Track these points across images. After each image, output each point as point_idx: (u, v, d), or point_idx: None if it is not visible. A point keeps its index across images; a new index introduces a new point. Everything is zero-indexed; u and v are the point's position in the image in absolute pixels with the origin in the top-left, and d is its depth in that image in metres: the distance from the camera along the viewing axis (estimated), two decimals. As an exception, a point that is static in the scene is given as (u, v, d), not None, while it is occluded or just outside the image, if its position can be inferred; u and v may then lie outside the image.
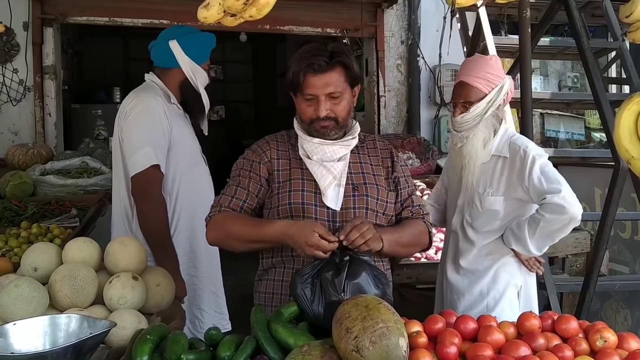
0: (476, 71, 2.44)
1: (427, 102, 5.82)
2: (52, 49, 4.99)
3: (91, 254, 2.11)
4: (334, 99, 2.04)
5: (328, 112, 2.04)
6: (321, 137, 2.09)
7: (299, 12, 5.38)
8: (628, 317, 4.02)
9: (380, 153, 2.23)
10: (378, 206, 2.14)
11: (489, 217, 2.50)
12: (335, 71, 2.03)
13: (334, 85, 2.02)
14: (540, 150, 2.45)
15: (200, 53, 2.87)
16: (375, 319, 1.46)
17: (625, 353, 1.66)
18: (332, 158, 2.10)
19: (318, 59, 2.02)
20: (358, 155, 2.19)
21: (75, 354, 1.48)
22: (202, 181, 2.90)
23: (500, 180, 2.47)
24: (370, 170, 2.18)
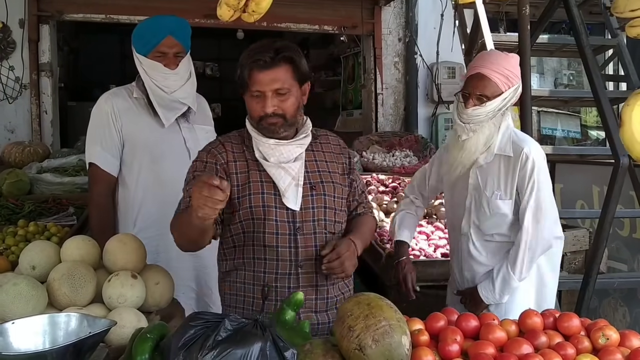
0: (497, 66, 2.37)
1: (425, 99, 5.82)
2: (48, 46, 4.97)
3: (90, 252, 2.09)
4: (281, 95, 2.02)
5: (275, 109, 2.02)
6: (271, 134, 2.07)
7: (297, 9, 5.37)
8: (626, 314, 4.02)
9: (333, 149, 2.23)
10: (336, 203, 2.15)
11: (497, 220, 2.46)
12: (281, 67, 2.01)
13: (281, 81, 2.01)
14: (542, 153, 2.41)
15: (140, 42, 2.68)
16: (377, 317, 1.45)
17: (628, 351, 1.65)
18: (289, 158, 2.10)
19: (264, 55, 2.00)
20: (313, 152, 2.18)
21: (75, 353, 1.47)
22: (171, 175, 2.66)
23: (507, 182, 2.43)
24: (325, 167, 2.18)
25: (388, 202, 4.05)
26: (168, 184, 2.64)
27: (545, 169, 2.38)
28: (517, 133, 2.47)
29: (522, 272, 2.39)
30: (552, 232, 2.42)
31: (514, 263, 2.39)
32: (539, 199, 2.35)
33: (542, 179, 2.36)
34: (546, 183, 2.38)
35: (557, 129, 7.75)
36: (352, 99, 6.61)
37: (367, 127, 5.85)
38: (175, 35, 2.64)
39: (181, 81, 2.69)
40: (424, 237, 3.54)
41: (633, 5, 1.76)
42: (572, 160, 4.47)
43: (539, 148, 2.41)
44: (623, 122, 1.88)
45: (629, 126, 1.85)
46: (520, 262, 2.38)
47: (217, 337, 1.33)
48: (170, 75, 2.65)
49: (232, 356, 1.29)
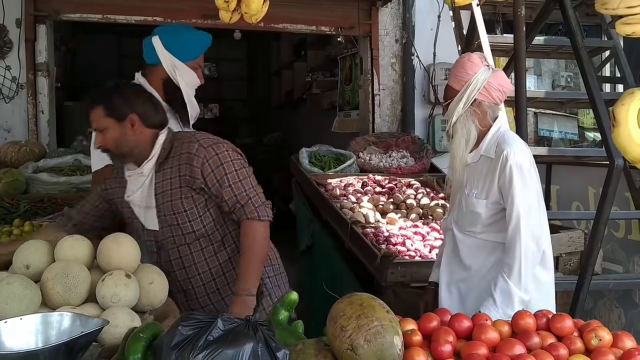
0: (453, 71, 2.52)
1: (422, 100, 5.82)
2: (45, 46, 4.95)
3: (84, 251, 2.10)
4: (101, 132, 2.39)
5: (100, 144, 2.41)
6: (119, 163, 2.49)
7: (294, 9, 5.37)
8: (622, 315, 4.03)
9: (181, 160, 2.40)
10: (180, 219, 2.43)
11: (471, 218, 2.50)
12: (96, 110, 2.38)
13: (95, 121, 2.38)
14: (524, 155, 2.40)
15: (184, 50, 2.83)
16: (370, 317, 1.45)
17: (620, 352, 1.65)
18: (136, 187, 2.45)
19: (87, 100, 2.43)
20: (163, 172, 2.43)
21: (67, 352, 1.47)
22: None
23: (485, 182, 2.45)
24: (170, 185, 2.42)
25: (384, 203, 4.06)
26: None
27: (529, 172, 2.36)
28: (507, 135, 2.47)
29: (519, 279, 2.34)
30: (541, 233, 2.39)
31: (509, 271, 2.35)
32: (522, 202, 2.34)
33: (524, 181, 2.35)
34: (529, 186, 2.36)
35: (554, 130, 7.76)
36: (349, 100, 6.61)
37: (364, 128, 5.85)
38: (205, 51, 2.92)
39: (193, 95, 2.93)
40: (419, 237, 3.55)
41: (630, 2, 1.73)
42: (568, 162, 4.47)
43: (522, 151, 2.39)
44: (618, 122, 1.86)
45: (626, 126, 1.83)
46: (513, 268, 2.35)
47: (209, 337, 1.33)
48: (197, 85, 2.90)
49: (223, 356, 1.29)
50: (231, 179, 2.39)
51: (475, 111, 2.47)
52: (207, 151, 2.38)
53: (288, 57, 9.77)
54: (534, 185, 2.39)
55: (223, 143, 2.45)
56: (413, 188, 4.36)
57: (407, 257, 3.26)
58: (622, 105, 1.86)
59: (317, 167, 4.81)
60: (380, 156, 5.03)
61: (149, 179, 2.43)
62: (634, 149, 1.84)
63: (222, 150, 2.41)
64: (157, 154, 2.42)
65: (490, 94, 2.47)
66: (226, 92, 12.19)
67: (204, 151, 2.37)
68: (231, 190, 2.38)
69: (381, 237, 3.48)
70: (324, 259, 4.18)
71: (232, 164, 2.40)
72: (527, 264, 2.34)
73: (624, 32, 1.82)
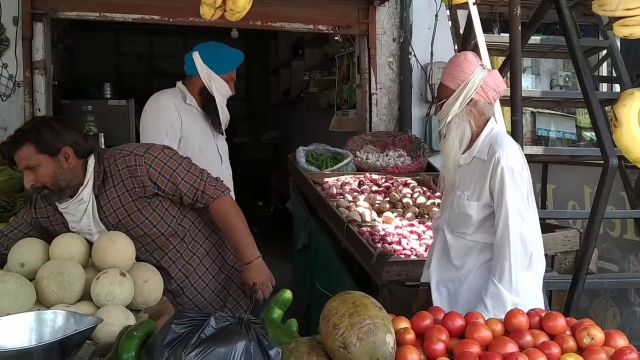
0: (446, 70, 2.49)
1: (419, 99, 5.82)
2: (42, 44, 4.94)
3: (79, 250, 2.10)
4: (33, 170, 2.31)
5: (33, 183, 2.33)
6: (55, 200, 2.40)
7: (291, 8, 5.37)
8: (617, 314, 4.04)
9: (122, 175, 2.40)
10: (145, 228, 2.46)
11: (462, 220, 2.49)
12: (24, 148, 2.30)
13: (25, 159, 2.30)
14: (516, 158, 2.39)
15: (219, 64, 3.25)
16: (362, 315, 1.46)
17: (612, 350, 1.66)
18: (79, 216, 2.41)
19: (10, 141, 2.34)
20: (106, 194, 2.42)
21: (61, 350, 1.47)
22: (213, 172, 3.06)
23: (477, 184, 2.44)
24: (120, 203, 2.42)
25: (381, 202, 4.06)
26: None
27: (520, 175, 2.36)
28: (499, 137, 2.45)
29: (510, 282, 2.33)
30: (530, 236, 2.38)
31: (500, 275, 2.35)
32: (512, 205, 2.33)
33: (515, 184, 2.34)
34: (520, 189, 2.35)
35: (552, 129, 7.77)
36: (347, 99, 6.61)
37: (361, 127, 5.86)
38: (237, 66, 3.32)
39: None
40: (415, 236, 3.56)
41: (629, 4, 1.73)
42: (564, 161, 4.48)
43: (515, 153, 2.38)
44: (620, 122, 1.86)
45: (629, 127, 1.83)
46: (503, 272, 2.34)
47: (202, 335, 1.34)
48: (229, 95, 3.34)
49: (215, 354, 1.30)
50: (181, 173, 2.45)
51: (471, 111, 2.45)
52: (145, 158, 2.41)
53: (286, 55, 9.76)
54: (525, 188, 2.38)
55: (154, 146, 2.50)
56: (409, 187, 4.37)
57: (402, 256, 3.27)
58: (623, 105, 1.86)
59: (314, 166, 4.82)
60: (377, 155, 5.04)
61: (91, 205, 2.41)
62: (636, 149, 1.84)
63: (158, 151, 2.45)
64: (92, 178, 2.40)
65: (487, 94, 2.46)
66: (224, 91, 12.16)
67: (142, 159, 2.40)
68: (186, 183, 2.45)
69: (377, 236, 3.49)
70: (321, 257, 4.18)
71: (173, 160, 2.46)
72: (517, 267, 2.33)
73: (622, 33, 1.82)
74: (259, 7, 5.08)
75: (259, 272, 2.50)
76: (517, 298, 2.33)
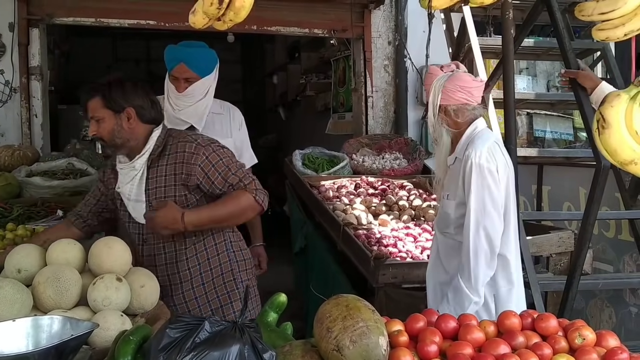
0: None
1: (414, 102, 5.84)
2: (38, 49, 4.97)
3: (75, 255, 2.11)
4: (97, 122, 2.46)
5: (94, 133, 2.48)
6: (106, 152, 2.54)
7: (286, 12, 5.39)
8: (612, 315, 4.06)
9: (178, 158, 2.50)
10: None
11: (445, 219, 2.57)
12: (93, 100, 2.46)
13: (92, 110, 2.46)
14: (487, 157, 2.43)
15: (166, 64, 3.16)
16: (355, 318, 1.47)
17: (604, 351, 1.68)
18: (127, 180, 2.53)
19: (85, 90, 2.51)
20: (157, 168, 2.52)
21: (57, 355, 1.48)
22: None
23: (455, 183, 2.51)
24: (164, 182, 2.51)
25: (377, 205, 4.08)
26: None
27: (490, 173, 2.41)
28: (477, 137, 2.51)
29: (469, 278, 2.39)
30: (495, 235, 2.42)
31: (462, 270, 2.42)
32: (477, 202, 2.40)
33: (482, 182, 2.40)
34: (489, 187, 2.40)
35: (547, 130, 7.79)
36: (343, 102, 6.64)
37: (358, 130, 5.88)
38: (187, 63, 3.07)
39: (189, 102, 3.13)
40: (411, 239, 3.57)
41: (603, 9, 1.78)
42: (559, 162, 4.51)
43: (485, 152, 2.43)
44: (609, 123, 1.87)
45: (617, 128, 1.84)
46: (465, 267, 2.41)
47: (196, 339, 1.35)
48: (180, 96, 3.10)
49: (209, 358, 1.31)
50: (233, 168, 2.52)
51: (443, 117, 2.56)
52: (205, 149, 2.49)
53: (282, 59, 9.79)
54: (495, 187, 2.42)
55: (217, 142, 2.58)
56: (406, 189, 4.39)
57: (398, 259, 3.28)
58: (611, 107, 1.87)
59: (310, 169, 4.83)
60: (374, 158, 5.06)
61: (141, 174, 2.52)
62: (624, 151, 1.85)
63: (217, 146, 2.54)
64: (150, 150, 2.51)
65: (451, 97, 2.53)
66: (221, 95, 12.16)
67: (203, 149, 2.48)
68: (235, 175, 2.50)
69: (373, 238, 3.50)
70: (317, 260, 4.20)
71: (228, 157, 2.54)
72: (479, 264, 2.39)
73: (599, 37, 1.87)
74: (255, 11, 5.04)
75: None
76: (474, 296, 2.40)
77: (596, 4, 1.81)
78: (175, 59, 3.10)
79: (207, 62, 3.16)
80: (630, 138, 1.86)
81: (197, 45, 3.18)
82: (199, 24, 1.93)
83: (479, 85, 2.58)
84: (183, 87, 3.10)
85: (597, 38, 1.91)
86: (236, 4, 1.73)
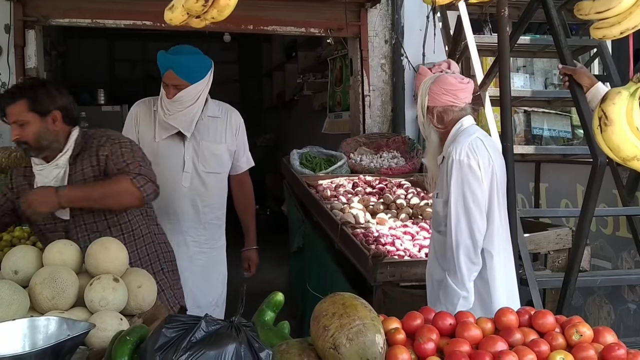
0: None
1: (412, 101, 5.83)
2: (35, 51, 4.95)
3: (72, 256, 2.11)
4: (21, 126, 2.47)
5: (18, 137, 2.49)
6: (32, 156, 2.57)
7: (282, 12, 5.38)
8: (611, 312, 4.06)
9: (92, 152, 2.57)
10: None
11: (436, 218, 2.62)
12: (17, 104, 2.46)
13: (16, 114, 2.47)
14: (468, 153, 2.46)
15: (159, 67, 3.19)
16: (352, 316, 1.47)
17: (601, 347, 1.68)
18: (50, 179, 2.54)
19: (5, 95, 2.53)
20: (78, 165, 2.57)
21: (53, 356, 1.48)
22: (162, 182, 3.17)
23: (442, 181, 2.55)
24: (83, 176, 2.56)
25: (374, 204, 4.08)
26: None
27: (469, 169, 2.44)
28: (460, 134, 2.55)
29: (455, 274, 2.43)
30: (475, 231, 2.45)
31: (448, 267, 2.47)
32: (456, 197, 2.44)
33: (462, 178, 2.43)
34: (468, 183, 2.43)
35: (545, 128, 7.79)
36: (340, 101, 6.63)
37: (355, 129, 5.87)
38: (176, 70, 3.06)
39: (179, 108, 3.13)
40: (409, 237, 3.57)
41: (599, 8, 1.79)
42: (556, 160, 4.51)
43: (466, 149, 2.47)
44: (611, 120, 1.87)
45: (620, 125, 1.85)
46: (451, 263, 2.46)
47: (192, 338, 1.35)
48: (170, 102, 3.11)
49: (205, 357, 1.32)
50: (129, 159, 2.56)
51: (430, 118, 2.62)
52: (112, 143, 2.59)
53: (279, 58, 9.79)
54: (476, 183, 2.44)
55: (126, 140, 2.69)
56: (403, 188, 4.39)
57: (396, 257, 3.28)
58: (613, 104, 1.88)
59: (308, 169, 4.83)
60: (371, 157, 5.06)
61: (64, 172, 2.56)
62: (627, 147, 1.86)
63: (125, 142, 2.63)
64: (72, 148, 2.56)
65: (437, 99, 2.59)
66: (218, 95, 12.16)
67: (110, 142, 2.58)
68: (127, 164, 2.54)
69: (371, 237, 3.50)
70: (315, 259, 4.20)
71: (130, 150, 2.61)
72: (460, 259, 2.42)
73: (596, 35, 1.88)
74: (251, 11, 5.12)
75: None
76: (462, 291, 2.43)
77: (592, 3, 1.82)
78: (164, 65, 3.11)
79: (198, 68, 3.14)
80: (632, 134, 1.87)
81: (188, 52, 3.15)
82: (176, 21, 1.88)
83: (465, 87, 2.60)
84: (172, 94, 3.10)
85: (594, 37, 1.92)
86: (221, 2, 1.71)
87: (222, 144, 3.31)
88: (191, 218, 3.26)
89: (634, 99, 1.89)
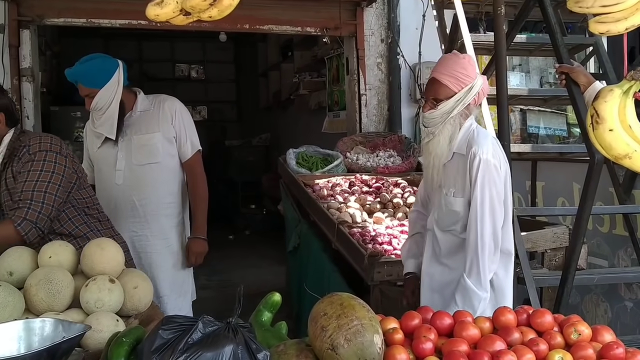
0: (447, 69, 2.43)
1: (408, 100, 5.84)
2: (29, 51, 4.93)
3: (67, 257, 2.10)
4: None
5: None
6: None
7: (278, 11, 5.37)
8: (608, 310, 4.06)
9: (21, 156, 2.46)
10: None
11: (451, 217, 2.49)
12: None
13: None
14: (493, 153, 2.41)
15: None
16: (349, 316, 1.46)
17: (600, 345, 1.68)
18: None
19: None
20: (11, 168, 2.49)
21: (49, 358, 1.47)
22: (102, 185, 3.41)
23: (460, 180, 2.45)
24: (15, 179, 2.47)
25: (371, 203, 4.08)
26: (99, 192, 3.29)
27: (496, 170, 2.38)
28: (477, 133, 2.47)
29: (478, 277, 2.37)
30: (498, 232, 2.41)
31: (469, 269, 2.39)
32: (484, 198, 2.37)
33: (489, 179, 2.37)
34: (495, 183, 2.38)
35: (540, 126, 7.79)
36: (337, 100, 6.63)
37: (351, 128, 5.87)
38: (82, 81, 3.22)
39: (99, 114, 3.28)
40: (405, 236, 3.56)
41: (605, 1, 1.74)
42: (552, 158, 4.50)
43: (491, 149, 2.41)
44: (603, 118, 1.87)
45: (612, 123, 1.85)
46: (469, 264, 2.39)
47: (189, 340, 1.34)
48: (93, 112, 3.31)
49: (202, 359, 1.31)
50: (32, 184, 2.40)
51: (465, 113, 2.47)
52: (33, 147, 2.45)
53: (275, 58, 9.77)
54: (501, 184, 2.41)
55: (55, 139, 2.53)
56: (400, 187, 4.38)
57: (393, 256, 3.28)
58: (605, 102, 1.88)
59: (304, 168, 4.82)
60: (368, 156, 5.05)
61: None
62: (619, 145, 1.85)
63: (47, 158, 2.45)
64: (4, 152, 2.50)
65: (479, 98, 2.50)
66: (214, 94, 12.18)
67: (29, 156, 2.45)
68: (26, 192, 2.40)
69: (368, 236, 3.49)
70: (312, 259, 4.19)
71: (44, 163, 2.44)
72: (485, 261, 2.37)
73: (598, 30, 1.84)
74: (247, 10, 5.10)
75: None
76: (484, 293, 2.37)
77: None
78: (72, 80, 3.24)
79: (101, 72, 3.23)
80: (624, 132, 1.86)
81: (88, 59, 3.24)
82: (163, 17, 1.79)
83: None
84: (88, 104, 3.25)
85: (596, 31, 1.86)
86: (224, 2, 1.67)
87: (155, 133, 3.36)
88: (130, 214, 3.35)
89: (627, 97, 1.88)
